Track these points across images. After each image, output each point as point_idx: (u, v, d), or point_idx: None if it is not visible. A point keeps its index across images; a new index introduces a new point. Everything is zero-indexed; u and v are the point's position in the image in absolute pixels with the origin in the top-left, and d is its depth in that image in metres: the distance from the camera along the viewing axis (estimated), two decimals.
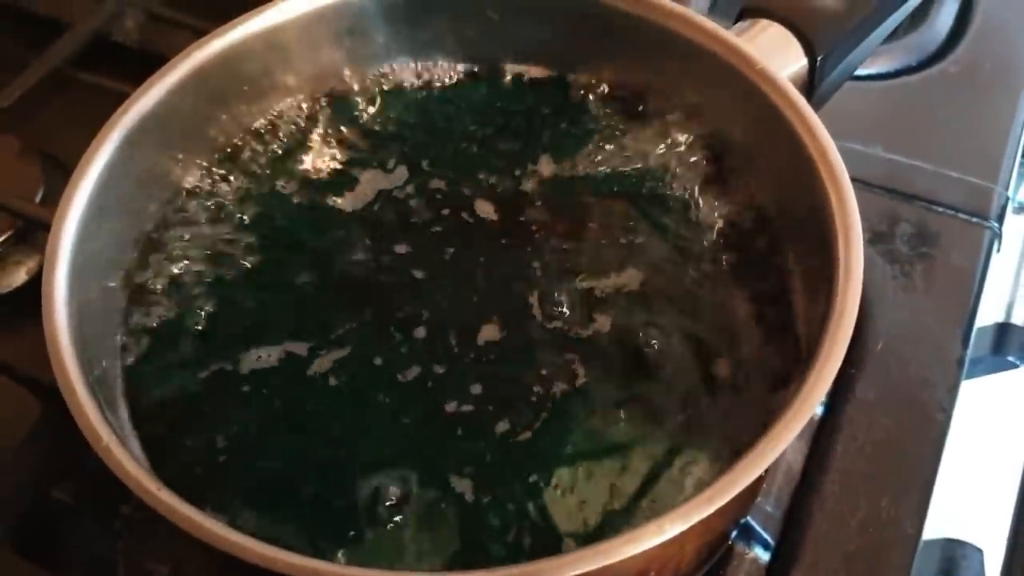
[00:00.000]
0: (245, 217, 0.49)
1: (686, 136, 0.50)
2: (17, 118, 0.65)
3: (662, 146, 0.50)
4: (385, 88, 0.53)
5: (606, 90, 0.52)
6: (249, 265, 0.47)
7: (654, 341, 0.44)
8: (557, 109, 0.52)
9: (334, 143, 0.51)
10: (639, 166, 0.50)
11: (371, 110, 0.52)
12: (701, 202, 0.48)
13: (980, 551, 0.53)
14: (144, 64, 0.48)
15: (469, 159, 0.51)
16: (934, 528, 0.49)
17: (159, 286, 0.46)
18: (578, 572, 0.32)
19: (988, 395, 0.61)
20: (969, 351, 0.54)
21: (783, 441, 0.35)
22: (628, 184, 0.49)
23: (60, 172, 0.60)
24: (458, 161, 0.51)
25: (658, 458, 0.41)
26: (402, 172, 0.50)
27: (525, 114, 0.52)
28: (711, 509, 0.33)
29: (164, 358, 0.44)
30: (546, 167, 0.50)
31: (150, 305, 0.46)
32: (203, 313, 0.46)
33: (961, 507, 0.58)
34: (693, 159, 0.49)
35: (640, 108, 0.51)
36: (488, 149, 0.51)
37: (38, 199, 0.59)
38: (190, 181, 0.49)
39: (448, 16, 0.52)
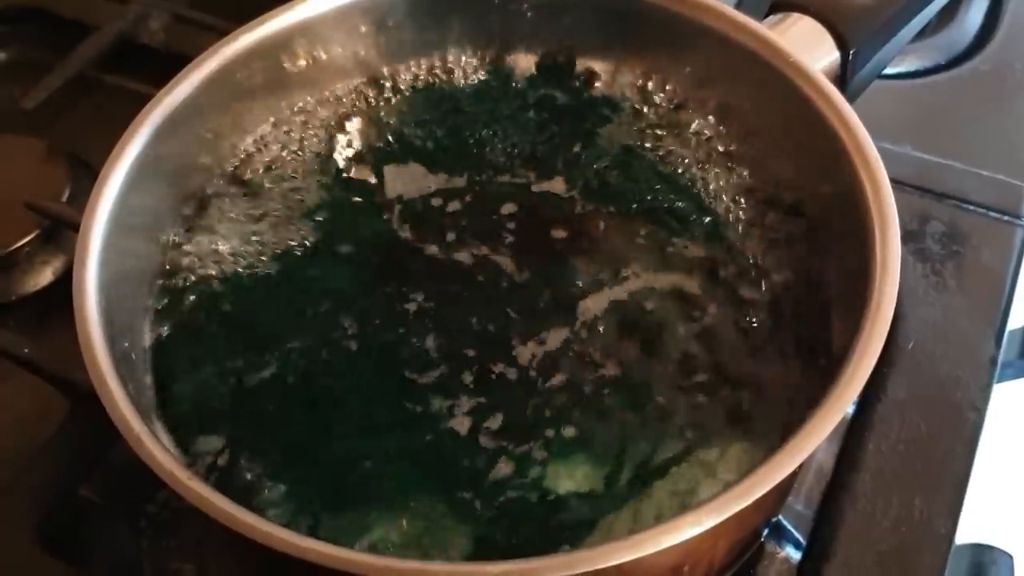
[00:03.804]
0: (272, 212, 0.49)
1: (716, 128, 0.49)
2: (43, 120, 0.66)
3: (692, 138, 0.50)
4: (410, 83, 0.53)
5: (636, 84, 0.52)
6: (276, 258, 0.47)
7: (689, 340, 0.44)
8: (584, 105, 0.52)
9: (360, 138, 0.51)
10: (668, 159, 0.50)
11: (396, 105, 0.52)
12: (732, 197, 0.48)
13: (1010, 556, 0.52)
14: (169, 66, 0.48)
15: (494, 157, 0.51)
16: (964, 533, 0.48)
17: (187, 280, 0.46)
18: (615, 563, 0.32)
19: (1017, 399, 0.60)
20: (1002, 350, 0.53)
21: (818, 436, 0.35)
22: (658, 178, 0.49)
23: (86, 173, 0.61)
24: (482, 158, 0.51)
25: (692, 457, 0.41)
26: (424, 168, 0.50)
27: (552, 110, 0.52)
28: (747, 502, 0.33)
29: (192, 351, 0.44)
30: (572, 164, 0.50)
31: (178, 299, 0.46)
32: (231, 306, 0.46)
33: (991, 512, 0.57)
34: (723, 151, 0.49)
35: (670, 102, 0.51)
36: (514, 147, 0.51)
37: (64, 199, 0.59)
38: (217, 177, 0.49)
39: (475, 11, 0.52)
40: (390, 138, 0.51)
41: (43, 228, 0.57)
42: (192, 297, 0.46)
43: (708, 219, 0.48)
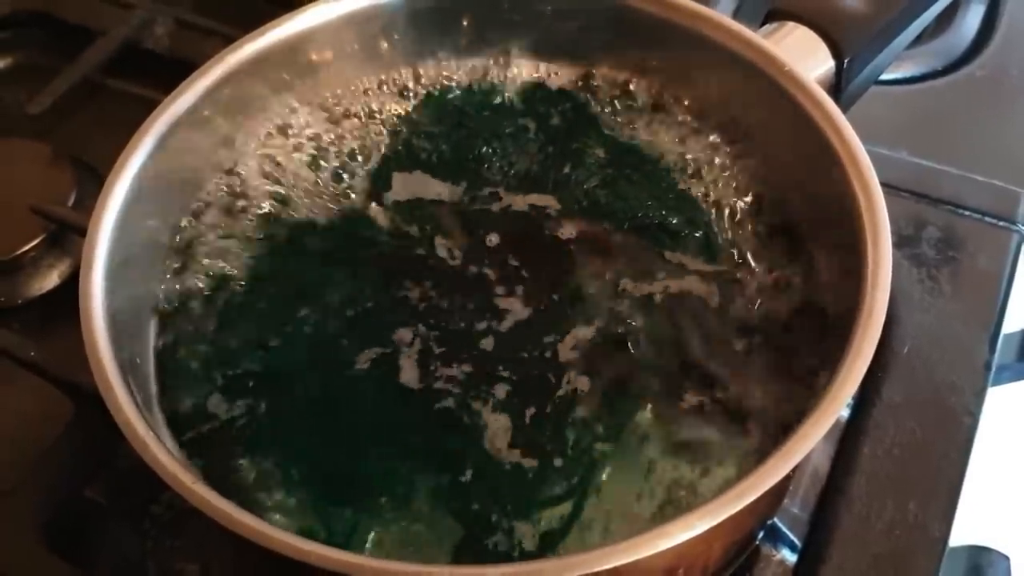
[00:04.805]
0: (276, 216, 0.49)
1: (711, 137, 0.50)
2: (49, 124, 0.66)
3: (686, 145, 0.50)
4: (414, 90, 0.53)
5: (631, 94, 0.52)
6: (280, 263, 0.48)
7: (682, 348, 0.44)
8: (580, 114, 0.52)
9: (365, 146, 0.52)
10: (661, 168, 0.50)
11: (400, 113, 0.53)
12: (726, 203, 0.48)
13: (1007, 558, 0.52)
14: (174, 71, 0.48)
15: (493, 165, 0.51)
16: (960, 535, 0.49)
17: (192, 284, 0.47)
18: (610, 566, 0.32)
19: (1014, 402, 0.60)
20: (996, 355, 0.54)
21: (811, 440, 0.35)
22: (652, 189, 0.49)
23: (92, 177, 0.61)
24: (482, 166, 0.51)
25: (686, 461, 0.41)
26: (428, 177, 0.51)
27: (548, 120, 0.52)
28: (740, 505, 0.33)
29: (197, 354, 0.45)
30: (569, 177, 0.50)
31: (183, 303, 0.46)
32: (235, 310, 0.46)
33: (988, 514, 0.57)
34: (717, 160, 0.49)
35: (666, 110, 0.51)
36: (512, 155, 0.51)
37: (70, 204, 0.59)
38: (223, 182, 0.49)
39: (474, 19, 0.52)
40: (396, 146, 0.52)
41: (49, 232, 0.58)
42: (197, 301, 0.46)
43: (701, 228, 0.48)
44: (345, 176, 0.51)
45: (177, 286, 0.46)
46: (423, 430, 0.43)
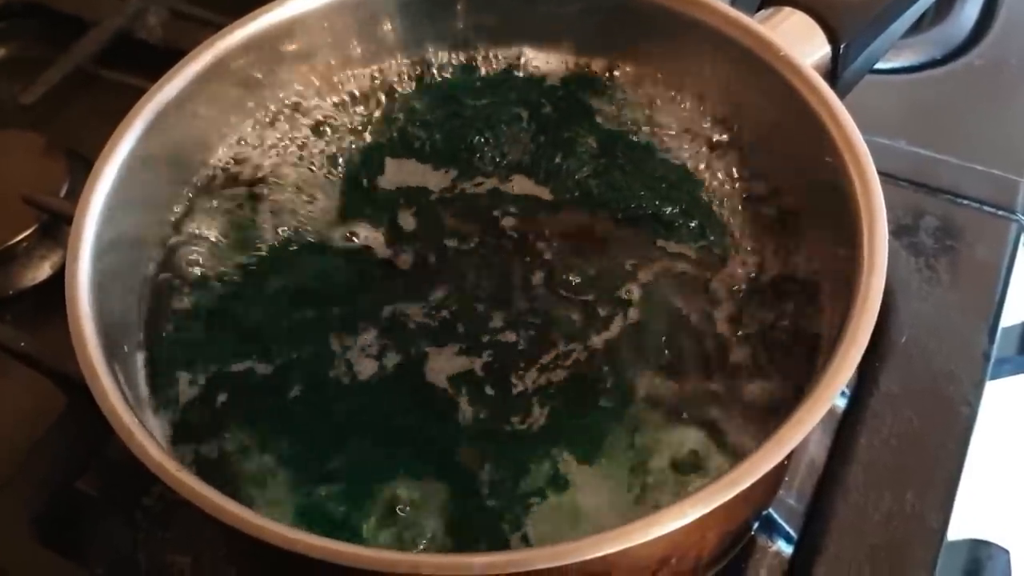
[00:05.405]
0: (267, 205, 0.49)
1: (706, 123, 0.49)
2: (42, 115, 0.66)
3: (682, 131, 0.50)
4: (404, 77, 0.53)
5: (625, 81, 0.52)
6: (268, 250, 0.47)
7: (676, 333, 0.44)
8: (574, 102, 0.52)
9: (357, 132, 0.51)
10: (655, 151, 0.50)
11: (390, 100, 0.52)
12: (722, 190, 0.48)
13: (1007, 552, 0.52)
14: (167, 61, 0.48)
15: (486, 154, 0.51)
16: (960, 528, 0.48)
17: (181, 272, 0.46)
18: (600, 554, 0.32)
19: (1014, 396, 0.60)
20: (995, 346, 0.53)
21: (804, 427, 0.35)
22: (648, 175, 0.49)
23: (84, 168, 0.60)
24: (475, 155, 0.51)
25: (679, 450, 0.41)
26: (418, 164, 0.51)
27: (541, 108, 0.52)
28: (734, 492, 0.33)
29: (186, 343, 0.44)
30: (562, 162, 0.50)
31: (173, 291, 0.46)
32: (224, 297, 0.46)
33: (988, 508, 0.57)
34: (711, 147, 0.49)
35: (660, 97, 0.51)
36: (505, 144, 0.51)
37: (62, 194, 0.59)
38: (211, 170, 0.49)
39: (467, 5, 0.52)
40: (389, 134, 0.51)
41: (41, 223, 0.58)
42: (186, 289, 0.46)
43: (695, 216, 0.47)
44: (337, 163, 0.50)
45: (166, 274, 0.46)
46: (414, 418, 0.42)
